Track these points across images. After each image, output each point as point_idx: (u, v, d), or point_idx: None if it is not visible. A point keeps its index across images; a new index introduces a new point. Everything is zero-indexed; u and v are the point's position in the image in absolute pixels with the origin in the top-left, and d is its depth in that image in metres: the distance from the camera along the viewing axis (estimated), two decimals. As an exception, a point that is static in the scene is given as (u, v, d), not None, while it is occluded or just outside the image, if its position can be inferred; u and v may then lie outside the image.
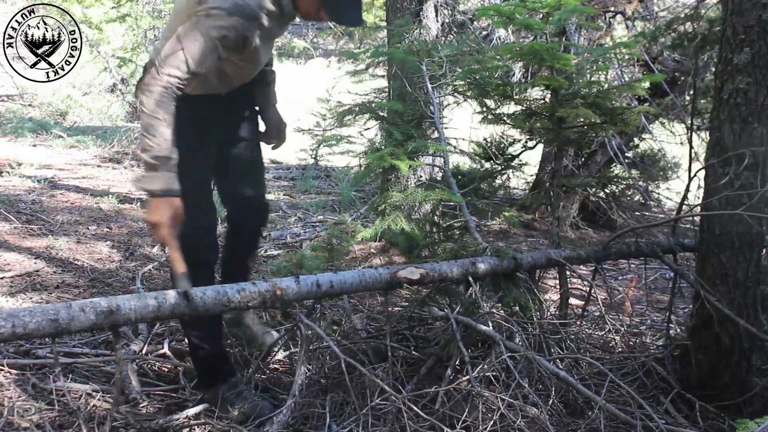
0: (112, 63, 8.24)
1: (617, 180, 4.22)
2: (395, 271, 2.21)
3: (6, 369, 2.23)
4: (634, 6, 5.05)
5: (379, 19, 10.98)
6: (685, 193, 2.47)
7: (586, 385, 2.10)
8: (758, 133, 2.05)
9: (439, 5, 4.25)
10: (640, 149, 5.62)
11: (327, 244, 3.04)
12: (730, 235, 2.14)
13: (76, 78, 8.85)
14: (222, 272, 2.49)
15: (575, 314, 2.72)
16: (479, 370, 2.08)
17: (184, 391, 2.28)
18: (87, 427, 1.89)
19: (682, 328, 2.78)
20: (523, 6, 2.63)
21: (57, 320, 1.63)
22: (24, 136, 6.86)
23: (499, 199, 4.56)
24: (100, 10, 7.98)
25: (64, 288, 3.08)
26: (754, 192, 2.06)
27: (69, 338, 2.55)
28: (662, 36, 4.38)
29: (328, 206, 5.35)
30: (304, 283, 2.03)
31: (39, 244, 3.64)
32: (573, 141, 2.88)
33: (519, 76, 4.88)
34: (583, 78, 2.76)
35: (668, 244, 2.65)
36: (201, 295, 1.84)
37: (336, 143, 3.10)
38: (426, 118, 2.96)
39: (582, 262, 2.66)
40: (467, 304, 2.31)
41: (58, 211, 4.38)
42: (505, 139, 3.17)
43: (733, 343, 2.19)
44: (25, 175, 5.17)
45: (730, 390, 2.20)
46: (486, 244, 2.50)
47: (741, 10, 2.05)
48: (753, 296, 2.19)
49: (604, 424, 1.89)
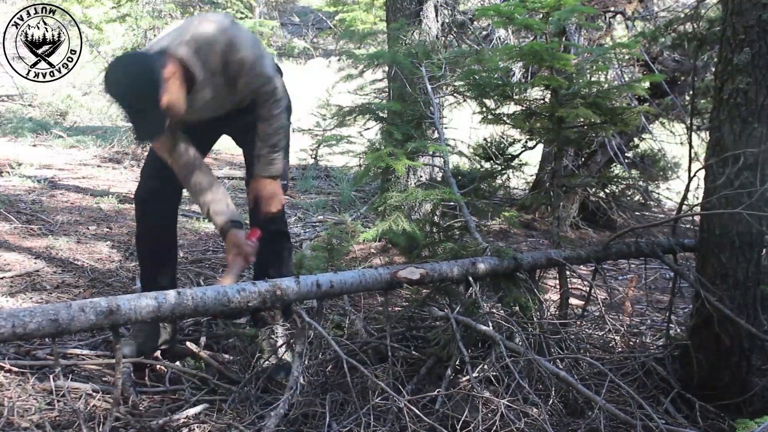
0: (112, 63, 8.21)
1: (617, 180, 4.23)
2: (395, 271, 2.21)
3: (7, 367, 2.24)
4: (634, 6, 5.05)
5: (379, 19, 10.97)
6: (685, 193, 2.47)
7: (586, 385, 2.10)
8: (758, 133, 2.05)
9: (439, 5, 4.25)
10: (640, 149, 5.62)
11: (327, 244, 3.04)
12: (730, 235, 2.14)
13: (76, 78, 8.85)
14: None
15: (575, 314, 2.72)
16: (479, 370, 2.08)
17: (184, 391, 2.27)
18: (87, 427, 1.89)
19: (682, 328, 2.78)
20: (523, 6, 2.63)
21: (57, 320, 1.63)
22: (24, 136, 6.85)
23: (499, 199, 4.56)
24: (100, 10, 7.99)
25: (64, 288, 3.08)
26: (754, 192, 2.06)
27: (69, 338, 2.55)
28: (662, 36, 4.38)
29: (328, 206, 5.35)
30: (304, 283, 2.04)
31: (39, 244, 3.64)
32: (573, 141, 2.88)
33: (519, 76, 4.88)
34: (583, 78, 2.77)
35: (668, 244, 2.65)
36: (201, 295, 1.85)
37: (336, 143, 3.10)
38: (426, 118, 2.96)
39: (582, 262, 2.66)
40: (467, 304, 2.31)
41: (58, 211, 4.38)
42: (505, 139, 3.18)
43: (733, 343, 2.19)
44: (25, 175, 5.16)
45: (730, 390, 2.20)
46: (486, 244, 2.50)
47: (741, 10, 2.05)
48: (753, 296, 2.19)
49: (604, 424, 1.89)
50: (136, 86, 2.07)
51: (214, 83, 2.27)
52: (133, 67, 2.11)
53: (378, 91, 5.14)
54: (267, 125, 2.35)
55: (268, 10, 16.40)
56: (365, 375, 1.98)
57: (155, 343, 2.46)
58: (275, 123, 2.35)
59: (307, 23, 16.94)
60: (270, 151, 2.37)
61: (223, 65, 2.23)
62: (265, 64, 2.30)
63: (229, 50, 2.20)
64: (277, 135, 2.36)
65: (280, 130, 2.36)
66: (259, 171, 2.41)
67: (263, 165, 2.39)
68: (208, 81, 2.25)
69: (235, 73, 2.26)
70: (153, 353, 2.44)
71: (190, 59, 2.17)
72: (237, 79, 2.28)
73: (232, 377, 2.34)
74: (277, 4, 17.18)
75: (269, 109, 2.33)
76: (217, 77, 2.26)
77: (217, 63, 2.22)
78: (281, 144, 2.39)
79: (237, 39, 2.21)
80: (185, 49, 2.17)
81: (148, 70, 2.08)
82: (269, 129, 2.35)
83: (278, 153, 2.38)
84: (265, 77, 2.30)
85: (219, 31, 2.19)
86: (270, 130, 2.35)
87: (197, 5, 12.14)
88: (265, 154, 2.38)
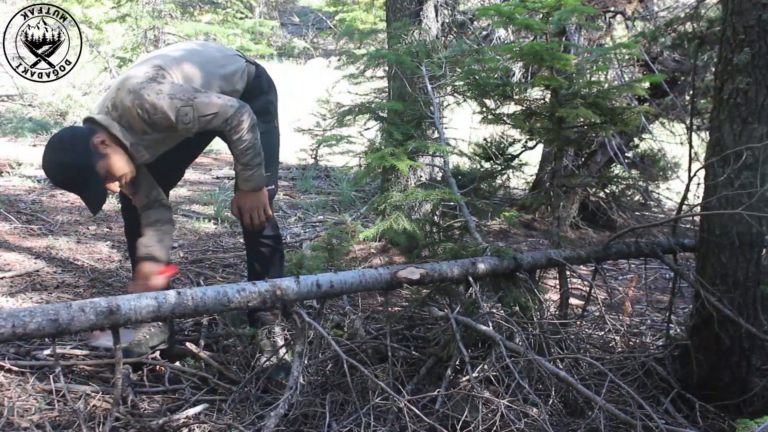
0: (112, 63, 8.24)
1: (617, 180, 4.22)
2: (395, 271, 2.21)
3: (7, 367, 2.24)
4: (634, 6, 5.05)
5: (379, 19, 10.98)
6: (685, 193, 2.47)
7: (586, 385, 2.10)
8: (758, 133, 2.05)
9: (439, 5, 4.25)
10: (640, 149, 5.62)
11: (327, 244, 3.03)
12: (730, 235, 2.14)
13: (76, 78, 8.85)
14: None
15: (575, 314, 2.72)
16: (479, 370, 2.08)
17: (183, 391, 2.27)
18: (87, 427, 1.89)
19: (682, 328, 2.78)
20: (523, 6, 2.63)
21: (57, 320, 1.63)
22: (24, 136, 6.85)
23: (499, 199, 4.56)
24: (100, 10, 7.98)
25: (64, 288, 3.08)
26: (754, 192, 2.06)
27: (69, 338, 2.55)
28: (662, 36, 4.38)
29: (328, 206, 5.35)
30: (305, 283, 2.04)
31: (39, 244, 3.64)
32: (573, 141, 2.88)
33: (519, 76, 4.88)
34: (583, 78, 2.76)
35: (668, 244, 2.65)
36: (201, 295, 1.85)
37: (336, 143, 3.10)
38: (426, 118, 2.96)
39: (582, 262, 2.66)
40: (467, 304, 2.31)
41: (58, 211, 4.38)
42: (505, 139, 3.18)
43: (733, 343, 2.19)
44: (25, 175, 5.16)
45: (730, 390, 2.20)
46: (486, 244, 2.49)
47: (741, 10, 2.05)
48: (753, 296, 2.19)
49: (604, 424, 1.89)
50: (70, 164, 2.16)
51: (152, 138, 2.31)
52: (62, 146, 2.18)
53: (378, 90, 5.14)
54: (234, 148, 2.39)
55: (268, 10, 16.41)
56: (365, 375, 1.98)
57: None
58: (240, 146, 2.35)
59: (307, 23, 16.95)
60: (243, 168, 2.40)
61: (151, 125, 2.25)
62: (201, 103, 2.24)
63: (148, 114, 2.21)
64: (246, 155, 2.37)
65: (248, 151, 2.36)
66: (240, 185, 2.46)
67: (241, 180, 2.45)
68: (142, 139, 2.29)
69: (165, 127, 2.27)
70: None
71: (114, 127, 2.22)
72: (171, 130, 2.30)
73: (232, 377, 2.34)
74: (277, 4, 17.19)
75: (230, 136, 2.35)
76: (150, 135, 2.30)
77: (143, 126, 2.26)
78: (254, 161, 2.39)
79: (149, 101, 2.18)
80: (107, 118, 2.23)
81: (76, 145, 2.16)
82: (237, 151, 2.38)
83: (252, 170, 2.41)
84: (205, 118, 2.26)
85: (131, 99, 2.19)
86: (237, 151, 2.38)
87: (197, 5, 12.14)
88: (239, 171, 2.42)
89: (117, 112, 2.23)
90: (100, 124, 2.23)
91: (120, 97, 2.22)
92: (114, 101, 2.23)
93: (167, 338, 2.49)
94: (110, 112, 2.25)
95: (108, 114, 2.25)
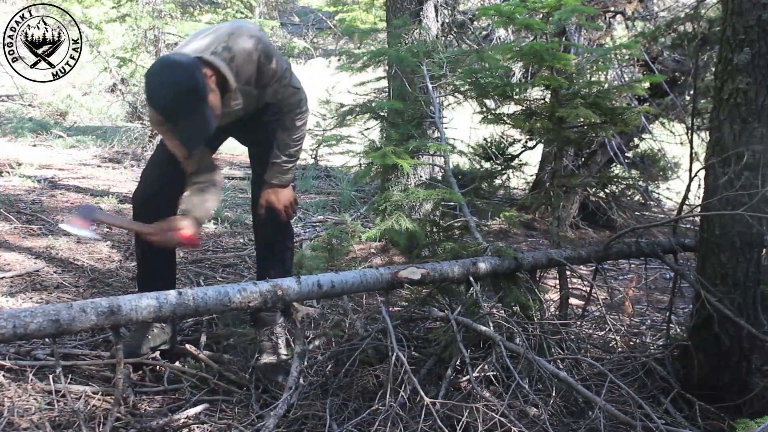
0: (112, 63, 8.22)
1: (617, 180, 4.21)
2: (396, 271, 2.21)
3: (7, 366, 2.24)
4: (634, 6, 5.05)
5: (379, 19, 10.97)
6: (685, 193, 2.47)
7: (586, 385, 2.10)
8: (758, 133, 2.05)
9: (439, 5, 4.25)
10: (640, 149, 5.62)
11: (327, 244, 3.04)
12: (730, 235, 2.14)
13: (76, 78, 8.85)
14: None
15: (575, 314, 2.72)
16: (479, 370, 2.08)
17: (183, 391, 2.27)
18: (87, 427, 1.89)
19: (682, 328, 2.78)
20: (523, 6, 2.63)
21: (58, 321, 1.63)
22: (24, 136, 6.86)
23: (499, 199, 4.57)
24: (100, 10, 7.97)
25: (64, 288, 3.08)
26: (755, 192, 2.06)
27: (69, 338, 2.55)
28: (662, 36, 4.38)
29: (328, 206, 5.36)
30: (306, 283, 2.04)
31: (39, 244, 3.64)
32: (573, 141, 2.88)
33: (519, 76, 4.88)
34: (583, 78, 2.76)
35: (668, 244, 2.65)
36: (202, 295, 1.85)
37: (336, 143, 3.10)
38: (426, 117, 2.96)
39: (582, 262, 2.66)
40: (468, 304, 2.31)
41: (58, 211, 4.38)
42: (505, 139, 3.18)
43: (733, 344, 2.19)
44: (25, 175, 5.16)
45: (730, 390, 2.20)
46: (486, 244, 2.50)
47: (741, 10, 2.05)
48: (753, 296, 2.19)
49: (604, 425, 1.89)
50: (186, 83, 2.01)
51: (245, 92, 2.30)
52: (178, 67, 2.04)
53: (378, 90, 5.14)
54: (287, 135, 2.38)
55: (268, 10, 16.40)
56: (365, 375, 1.98)
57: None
58: (296, 134, 2.38)
59: (307, 23, 16.93)
60: (286, 160, 2.40)
61: (257, 75, 2.25)
62: (293, 77, 2.36)
63: (264, 61, 2.24)
64: (295, 145, 2.40)
65: (298, 142, 2.40)
66: (271, 178, 2.43)
67: (276, 173, 2.41)
68: (240, 90, 2.27)
69: (266, 82, 2.29)
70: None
71: (224, 68, 2.17)
72: (266, 87, 2.32)
73: (231, 377, 2.34)
74: (277, 4, 17.18)
75: (293, 120, 2.37)
76: (249, 86, 2.29)
77: (252, 73, 2.24)
78: (297, 154, 2.42)
79: (270, 50, 2.25)
80: (219, 57, 2.17)
81: (191, 68, 2.04)
82: (289, 139, 2.38)
83: (293, 162, 2.42)
84: (293, 88, 2.35)
85: (255, 42, 2.21)
86: (290, 140, 2.38)
87: (197, 5, 12.13)
88: (280, 163, 2.40)
89: (230, 54, 2.18)
90: (209, 62, 2.14)
91: (237, 41, 2.18)
92: (228, 44, 2.18)
93: (169, 339, 2.49)
94: (220, 53, 2.17)
95: (216, 56, 2.17)
